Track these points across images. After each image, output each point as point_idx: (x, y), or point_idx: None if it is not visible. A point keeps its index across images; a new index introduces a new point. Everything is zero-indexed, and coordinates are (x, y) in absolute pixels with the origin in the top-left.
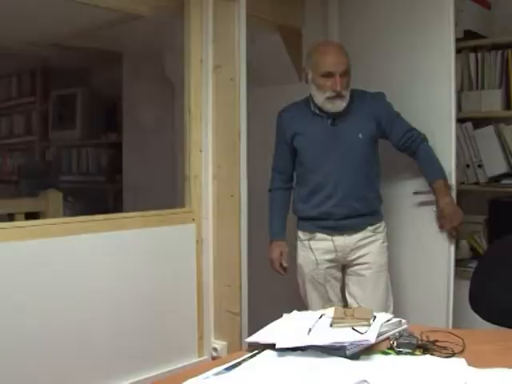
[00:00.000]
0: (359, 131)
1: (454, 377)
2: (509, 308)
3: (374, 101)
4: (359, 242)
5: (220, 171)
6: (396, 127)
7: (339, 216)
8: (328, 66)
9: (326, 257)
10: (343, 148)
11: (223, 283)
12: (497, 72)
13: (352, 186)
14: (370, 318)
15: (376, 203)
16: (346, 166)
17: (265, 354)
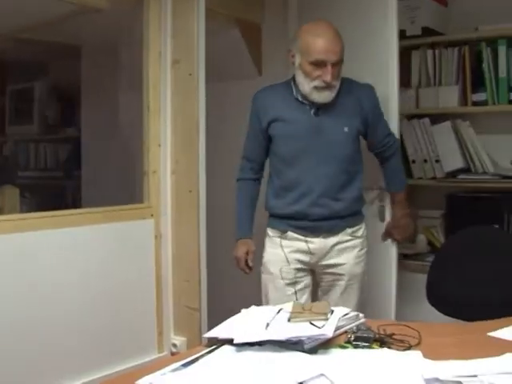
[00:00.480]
0: (345, 125)
1: (410, 369)
2: (464, 301)
3: (363, 93)
4: (336, 246)
5: (178, 166)
6: (379, 129)
7: (314, 217)
8: (319, 54)
9: (297, 256)
10: (326, 142)
11: (182, 279)
12: (454, 68)
13: (332, 184)
14: (327, 313)
15: (357, 204)
16: (328, 163)
17: (223, 349)
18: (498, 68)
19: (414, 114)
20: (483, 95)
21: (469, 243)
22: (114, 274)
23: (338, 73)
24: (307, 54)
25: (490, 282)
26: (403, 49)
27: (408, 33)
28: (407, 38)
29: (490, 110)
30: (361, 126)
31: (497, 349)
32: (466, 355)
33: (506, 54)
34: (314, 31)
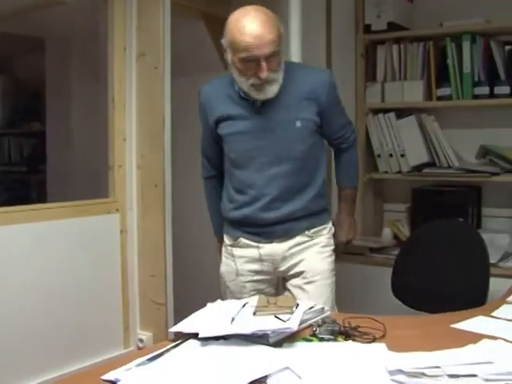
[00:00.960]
0: (297, 118)
1: (374, 361)
2: (429, 294)
3: (316, 80)
4: (292, 249)
5: (144, 161)
6: (334, 119)
7: (267, 222)
8: (248, 50)
9: (249, 267)
10: (277, 141)
11: (148, 273)
12: (419, 63)
13: (287, 186)
14: (292, 306)
15: (318, 203)
16: (281, 163)
17: (188, 343)
18: (462, 63)
19: (379, 108)
20: (448, 90)
21: (433, 237)
22: (80, 269)
23: (277, 64)
24: (236, 51)
25: (453, 275)
26: (369, 43)
27: (374, 27)
28: (373, 33)
29: (455, 105)
30: (317, 117)
31: (460, 340)
32: (430, 347)
33: (470, 50)
34: (240, 22)
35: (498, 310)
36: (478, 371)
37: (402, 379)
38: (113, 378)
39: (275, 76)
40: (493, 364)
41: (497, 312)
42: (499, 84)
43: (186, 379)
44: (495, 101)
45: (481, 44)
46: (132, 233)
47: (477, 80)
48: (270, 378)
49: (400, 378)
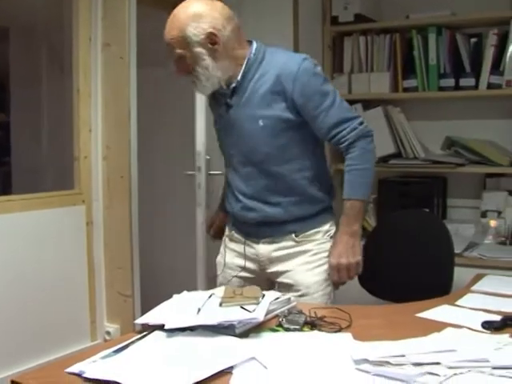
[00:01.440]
0: (260, 117)
1: (340, 351)
2: (394, 284)
3: (286, 69)
4: (277, 251)
5: (110, 152)
6: (319, 115)
7: (248, 221)
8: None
9: (236, 261)
10: (241, 140)
11: (115, 265)
12: (385, 55)
13: (260, 186)
14: (258, 297)
15: (305, 208)
16: (248, 163)
17: (154, 335)
18: (428, 55)
19: (346, 99)
20: (414, 82)
21: (399, 227)
22: (46, 262)
23: (189, 65)
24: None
25: (419, 265)
26: (336, 35)
27: (341, 19)
28: (340, 24)
29: (421, 97)
30: (287, 113)
31: (424, 329)
32: (395, 336)
33: (436, 42)
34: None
35: (462, 299)
36: (442, 359)
37: (367, 368)
38: (77, 370)
39: (193, 78)
40: (456, 352)
41: (461, 301)
42: (464, 76)
43: (151, 370)
44: (460, 93)
45: (446, 36)
46: (98, 224)
47: (442, 72)
48: (236, 369)
49: (365, 366)
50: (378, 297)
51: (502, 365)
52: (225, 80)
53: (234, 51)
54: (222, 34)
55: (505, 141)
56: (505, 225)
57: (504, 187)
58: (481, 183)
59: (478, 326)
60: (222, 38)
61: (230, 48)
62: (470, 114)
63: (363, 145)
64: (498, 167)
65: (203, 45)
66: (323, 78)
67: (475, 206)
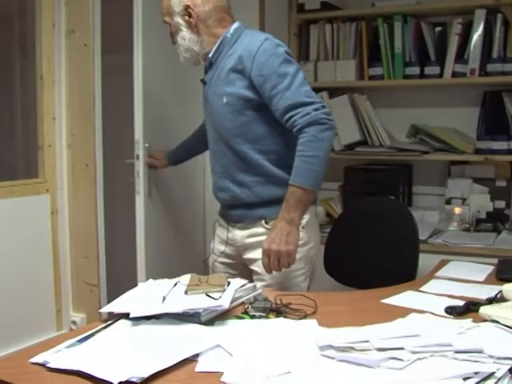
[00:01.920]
0: (224, 94)
1: (305, 337)
2: (359, 270)
3: (247, 49)
4: (249, 238)
5: (74, 140)
6: (275, 96)
7: (221, 202)
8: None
9: (219, 247)
10: (211, 116)
11: (80, 255)
12: (351, 43)
13: (227, 164)
14: (224, 284)
15: (271, 190)
16: (217, 139)
17: (119, 323)
18: (393, 43)
19: (312, 87)
20: (379, 70)
21: (365, 214)
22: (10, 251)
23: (172, 33)
24: None
25: (384, 252)
26: (302, 22)
27: (307, 7)
28: (306, 12)
29: (386, 85)
30: (248, 92)
31: (389, 315)
32: (360, 322)
33: (402, 30)
34: None
35: (427, 284)
36: (406, 344)
37: (331, 354)
38: (41, 360)
39: (177, 48)
40: (420, 337)
41: (425, 287)
42: (429, 64)
43: (116, 359)
44: (425, 81)
45: (412, 25)
46: (63, 214)
47: (408, 60)
48: (202, 356)
49: (330, 352)
50: (344, 284)
51: (465, 349)
52: (203, 55)
53: (213, 29)
54: (199, 10)
55: (469, 128)
56: (469, 212)
57: (468, 174)
58: (445, 171)
59: (441, 311)
60: (199, 12)
61: (209, 25)
62: (434, 102)
63: (314, 132)
64: (462, 155)
65: (182, 16)
66: (283, 59)
67: (440, 194)
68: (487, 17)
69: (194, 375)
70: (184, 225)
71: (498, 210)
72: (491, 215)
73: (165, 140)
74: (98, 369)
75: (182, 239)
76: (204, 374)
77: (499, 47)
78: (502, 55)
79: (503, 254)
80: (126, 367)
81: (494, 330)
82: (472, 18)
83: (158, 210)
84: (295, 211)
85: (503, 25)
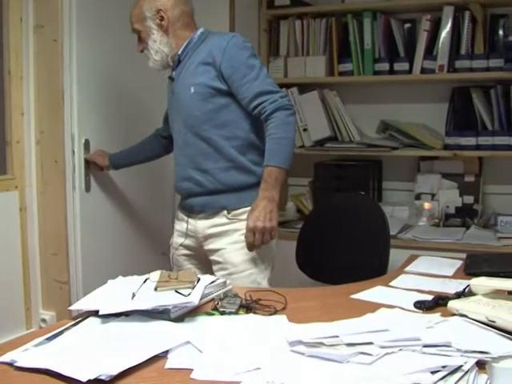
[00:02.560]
0: (191, 84)
1: (274, 333)
2: (330, 266)
3: (215, 43)
4: (211, 228)
5: (43, 136)
6: (243, 85)
7: (184, 192)
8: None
9: (179, 240)
10: (178, 106)
11: (50, 252)
12: (321, 39)
13: (192, 153)
14: (194, 281)
15: (234, 177)
16: (185, 130)
17: (88, 321)
18: (363, 40)
19: (282, 83)
20: (349, 66)
21: (336, 210)
22: None
23: (142, 39)
24: None
25: (355, 247)
26: (272, 18)
27: (277, 3)
28: (276, 8)
29: (356, 81)
30: (216, 82)
31: (358, 310)
32: (329, 317)
33: (371, 27)
34: None
35: (396, 279)
36: (375, 339)
37: (301, 350)
38: (8, 359)
39: (147, 53)
40: (389, 331)
41: (394, 282)
42: (399, 61)
43: (84, 357)
44: (395, 77)
45: (381, 21)
46: (32, 210)
47: (377, 56)
48: (171, 353)
49: (299, 348)
50: (315, 279)
51: (433, 343)
52: (172, 56)
53: (181, 32)
54: (169, 13)
55: (438, 124)
56: (438, 207)
57: (437, 170)
58: (415, 166)
59: (410, 305)
60: (170, 16)
61: (177, 28)
62: (404, 98)
63: (282, 116)
64: (431, 150)
65: (153, 20)
66: (251, 53)
67: (409, 189)
68: (455, 14)
69: (164, 372)
70: (138, 220)
71: (466, 205)
72: (460, 210)
73: (105, 136)
74: (66, 367)
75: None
76: (174, 370)
77: (467, 44)
78: (469, 52)
79: (472, 248)
80: (94, 365)
81: (462, 323)
82: (440, 14)
83: (99, 206)
84: (274, 190)
85: (471, 22)
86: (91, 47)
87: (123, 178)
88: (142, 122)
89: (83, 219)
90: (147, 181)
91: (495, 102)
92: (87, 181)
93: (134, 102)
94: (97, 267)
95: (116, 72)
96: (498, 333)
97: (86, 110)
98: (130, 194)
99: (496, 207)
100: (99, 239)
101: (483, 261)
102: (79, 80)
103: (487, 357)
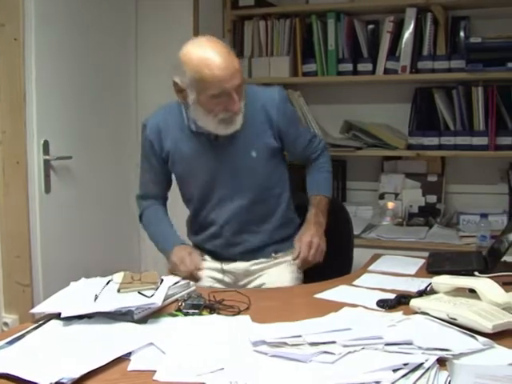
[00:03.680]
0: (252, 148)
1: (238, 334)
2: None
3: (267, 100)
4: (254, 266)
5: (5, 137)
6: (298, 138)
7: (228, 255)
8: (220, 85)
9: (210, 273)
10: (233, 173)
11: (13, 254)
12: (285, 40)
13: (248, 218)
14: (157, 282)
15: (284, 231)
16: (239, 195)
17: (50, 324)
18: (327, 40)
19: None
20: (313, 66)
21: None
22: None
23: (242, 93)
24: (205, 89)
25: None
26: (236, 19)
27: (241, 3)
28: (240, 9)
29: (320, 81)
30: (275, 141)
31: (322, 309)
32: (293, 317)
33: (335, 27)
34: (203, 57)
35: (359, 279)
36: (338, 338)
37: (264, 349)
38: None
39: (242, 106)
40: (351, 330)
41: (358, 281)
42: (362, 61)
43: (46, 360)
44: (358, 77)
45: (345, 22)
46: None
47: (341, 57)
48: (134, 355)
49: (263, 348)
50: None
51: (395, 341)
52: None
53: None
54: None
55: (401, 124)
56: (401, 206)
57: (401, 170)
58: (378, 166)
59: (373, 304)
60: None
61: None
62: (367, 99)
63: (328, 153)
64: (394, 150)
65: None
66: (291, 104)
67: (373, 189)
68: (418, 16)
69: (127, 374)
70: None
71: (429, 204)
72: (423, 210)
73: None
74: (26, 371)
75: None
76: (137, 372)
77: (429, 45)
78: (431, 53)
79: (434, 247)
80: (56, 368)
81: (424, 321)
82: (403, 16)
83: (60, 208)
84: (324, 217)
85: (433, 24)
86: (52, 46)
87: (85, 179)
88: (103, 123)
89: (43, 221)
90: (109, 182)
91: (457, 103)
92: (47, 182)
93: (95, 103)
94: (59, 269)
95: (77, 72)
96: (459, 330)
97: (45, 110)
98: (91, 195)
99: (458, 206)
100: (61, 241)
101: (445, 259)
102: (39, 80)
103: (448, 354)
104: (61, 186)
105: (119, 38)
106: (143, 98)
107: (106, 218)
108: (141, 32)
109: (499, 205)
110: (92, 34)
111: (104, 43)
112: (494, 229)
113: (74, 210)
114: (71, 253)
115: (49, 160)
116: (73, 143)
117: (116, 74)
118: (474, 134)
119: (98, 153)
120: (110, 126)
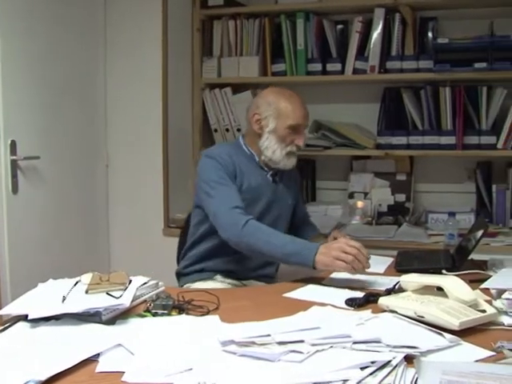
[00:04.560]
0: (290, 196)
1: (207, 334)
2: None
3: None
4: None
5: None
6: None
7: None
8: (300, 118)
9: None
10: (278, 212)
11: None
12: (254, 39)
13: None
14: (125, 283)
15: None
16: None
17: (17, 326)
18: (296, 40)
19: (215, 83)
20: (282, 66)
21: None
22: None
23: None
24: (287, 118)
25: None
26: (206, 18)
27: (210, 3)
28: (209, 8)
29: (289, 81)
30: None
31: (291, 308)
32: (262, 316)
33: (304, 27)
34: (287, 96)
35: (328, 278)
36: (306, 337)
37: (233, 349)
38: None
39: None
40: (320, 329)
41: (327, 280)
42: (331, 61)
43: (12, 363)
44: (327, 77)
45: (314, 22)
46: None
47: (310, 57)
48: (102, 356)
49: (231, 348)
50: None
51: (363, 339)
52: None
53: None
54: None
55: (370, 124)
56: (371, 205)
57: (370, 169)
58: (348, 165)
59: (342, 303)
60: None
61: None
62: (336, 98)
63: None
64: (363, 150)
65: None
66: None
67: (343, 188)
68: (386, 16)
69: (95, 376)
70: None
71: (398, 203)
72: (392, 208)
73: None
74: None
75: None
76: (105, 374)
77: (398, 45)
78: (400, 53)
79: (403, 245)
80: (22, 371)
81: (392, 319)
82: (372, 16)
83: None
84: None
85: (401, 24)
86: (18, 47)
87: (53, 179)
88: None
89: (11, 222)
90: (77, 182)
91: (425, 103)
92: (14, 182)
93: (63, 102)
94: (27, 270)
95: (44, 72)
96: (427, 328)
97: (12, 110)
98: (59, 196)
99: (427, 205)
100: (28, 242)
101: (414, 258)
102: (5, 79)
103: (415, 351)
104: (28, 186)
105: (88, 38)
106: (112, 98)
107: (74, 219)
108: (110, 32)
109: (467, 203)
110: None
111: (72, 42)
112: (462, 227)
113: (42, 210)
114: (39, 254)
115: (16, 160)
116: (40, 143)
117: (85, 74)
118: (441, 134)
119: (66, 153)
120: (78, 126)
